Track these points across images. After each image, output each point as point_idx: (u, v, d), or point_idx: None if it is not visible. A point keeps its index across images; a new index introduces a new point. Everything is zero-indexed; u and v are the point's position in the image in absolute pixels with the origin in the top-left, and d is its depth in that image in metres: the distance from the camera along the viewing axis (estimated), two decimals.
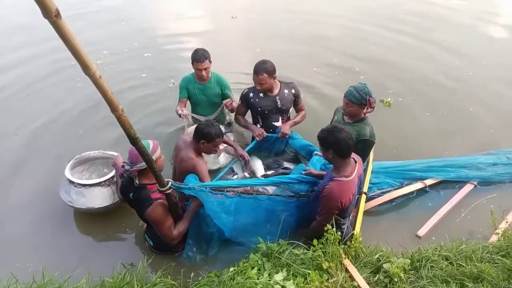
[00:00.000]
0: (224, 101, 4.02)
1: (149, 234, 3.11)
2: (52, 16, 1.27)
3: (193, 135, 3.20)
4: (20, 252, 3.31)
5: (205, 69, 3.92)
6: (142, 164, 2.53)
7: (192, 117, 4.18)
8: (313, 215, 2.94)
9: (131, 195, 2.80)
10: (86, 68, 1.54)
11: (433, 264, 2.79)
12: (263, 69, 3.58)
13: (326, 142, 2.71)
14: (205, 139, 3.13)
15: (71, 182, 3.33)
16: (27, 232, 3.51)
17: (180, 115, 3.98)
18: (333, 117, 3.66)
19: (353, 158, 2.83)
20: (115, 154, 3.50)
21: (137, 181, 2.76)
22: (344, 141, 2.64)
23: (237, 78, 5.45)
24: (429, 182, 3.91)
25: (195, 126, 4.11)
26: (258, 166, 3.87)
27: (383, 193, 3.78)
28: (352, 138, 2.74)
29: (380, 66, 6.43)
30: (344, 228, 3.01)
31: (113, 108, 1.82)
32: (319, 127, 2.85)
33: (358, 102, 3.15)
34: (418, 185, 3.88)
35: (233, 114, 4.30)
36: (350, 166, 2.77)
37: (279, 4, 9.52)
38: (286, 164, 3.86)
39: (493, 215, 3.24)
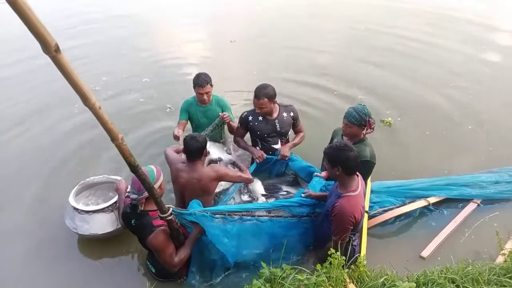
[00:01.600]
0: (221, 114, 4.00)
1: (151, 260, 3.07)
2: (51, 51, 1.28)
3: (192, 156, 3.15)
4: (21, 278, 3.28)
5: (206, 93, 3.96)
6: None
7: None
8: (322, 237, 2.94)
9: (133, 221, 2.77)
10: (85, 100, 1.55)
11: (439, 287, 2.73)
12: (264, 94, 3.58)
13: (335, 159, 2.75)
14: (204, 150, 3.19)
15: (75, 208, 3.33)
16: (29, 258, 3.48)
17: (175, 138, 3.95)
18: (332, 139, 3.66)
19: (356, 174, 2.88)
20: (119, 178, 3.53)
21: (141, 208, 2.73)
22: (354, 160, 2.71)
23: (235, 101, 5.48)
24: (432, 200, 3.89)
25: None
26: (257, 186, 3.85)
27: (385, 211, 3.76)
28: (359, 157, 2.78)
29: (378, 87, 6.46)
30: (355, 246, 3.02)
31: (113, 137, 1.83)
32: (318, 148, 2.87)
33: (357, 123, 3.17)
34: (421, 203, 3.87)
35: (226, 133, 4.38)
36: (355, 181, 2.83)
37: (277, 28, 9.65)
38: (285, 188, 3.84)
39: (498, 235, 3.20)
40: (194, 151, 3.13)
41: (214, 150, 4.03)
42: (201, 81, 3.89)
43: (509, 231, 3.53)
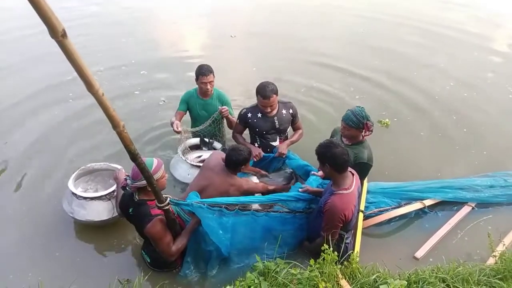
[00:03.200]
0: (220, 107, 4.03)
1: (146, 250, 3.10)
2: (58, 36, 1.31)
3: (229, 165, 3.36)
4: (16, 263, 3.32)
5: (209, 82, 3.98)
6: (143, 182, 2.53)
7: (188, 131, 4.23)
8: (315, 232, 2.98)
9: (130, 210, 2.80)
10: (89, 86, 1.58)
11: (430, 286, 2.75)
12: (271, 91, 3.58)
13: (323, 156, 2.79)
14: (244, 164, 3.40)
15: (73, 193, 3.37)
16: (23, 243, 3.51)
17: (175, 130, 3.99)
18: (331, 137, 3.68)
19: (350, 171, 2.90)
20: (119, 167, 3.54)
21: (136, 197, 2.77)
22: (340, 157, 2.74)
23: (234, 96, 5.48)
24: (428, 202, 3.92)
25: (192, 139, 4.27)
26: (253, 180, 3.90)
27: (381, 211, 3.79)
28: (348, 153, 2.80)
29: (375, 86, 6.50)
30: (348, 244, 3.06)
31: (114, 125, 1.86)
32: (316, 145, 2.91)
33: (355, 125, 3.20)
34: (417, 205, 3.90)
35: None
36: (348, 179, 2.86)
37: (277, 24, 9.65)
38: (282, 182, 3.86)
39: (490, 238, 3.23)
40: (234, 162, 3.35)
41: None
42: (204, 70, 3.93)
43: (501, 233, 3.57)
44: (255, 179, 3.81)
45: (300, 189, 3.26)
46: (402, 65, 7.38)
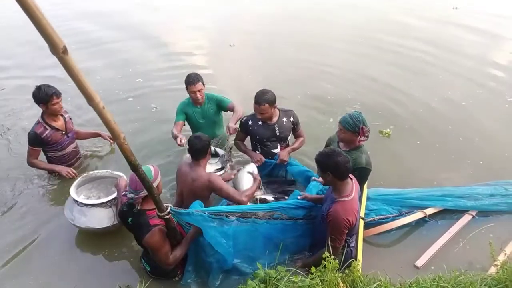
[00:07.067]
0: (226, 128, 3.97)
1: (146, 258, 3.11)
2: (59, 52, 1.33)
3: (194, 155, 3.23)
4: (15, 270, 3.33)
5: (199, 91, 4.02)
6: (145, 192, 2.54)
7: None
8: (320, 238, 3.00)
9: (129, 220, 2.81)
10: (90, 100, 1.60)
11: None
12: (264, 100, 3.61)
13: (325, 165, 2.79)
14: (204, 153, 3.23)
15: (74, 200, 3.39)
16: (24, 249, 3.53)
17: (176, 138, 3.97)
18: (327, 146, 3.68)
19: (349, 176, 2.91)
20: (121, 174, 3.57)
21: (138, 207, 2.78)
22: (343, 165, 2.74)
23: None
24: (429, 211, 3.91)
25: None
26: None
27: (381, 219, 3.79)
28: (349, 161, 2.80)
29: (373, 95, 6.50)
30: (353, 247, 3.08)
31: (115, 136, 1.89)
32: (314, 152, 2.92)
33: (351, 129, 3.20)
34: (418, 215, 3.88)
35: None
36: (348, 185, 2.87)
37: (276, 34, 9.64)
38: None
39: (491, 247, 3.22)
40: (197, 150, 3.19)
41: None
42: (192, 79, 3.97)
43: (503, 242, 3.56)
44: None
45: (298, 197, 3.27)
46: (400, 74, 7.35)
